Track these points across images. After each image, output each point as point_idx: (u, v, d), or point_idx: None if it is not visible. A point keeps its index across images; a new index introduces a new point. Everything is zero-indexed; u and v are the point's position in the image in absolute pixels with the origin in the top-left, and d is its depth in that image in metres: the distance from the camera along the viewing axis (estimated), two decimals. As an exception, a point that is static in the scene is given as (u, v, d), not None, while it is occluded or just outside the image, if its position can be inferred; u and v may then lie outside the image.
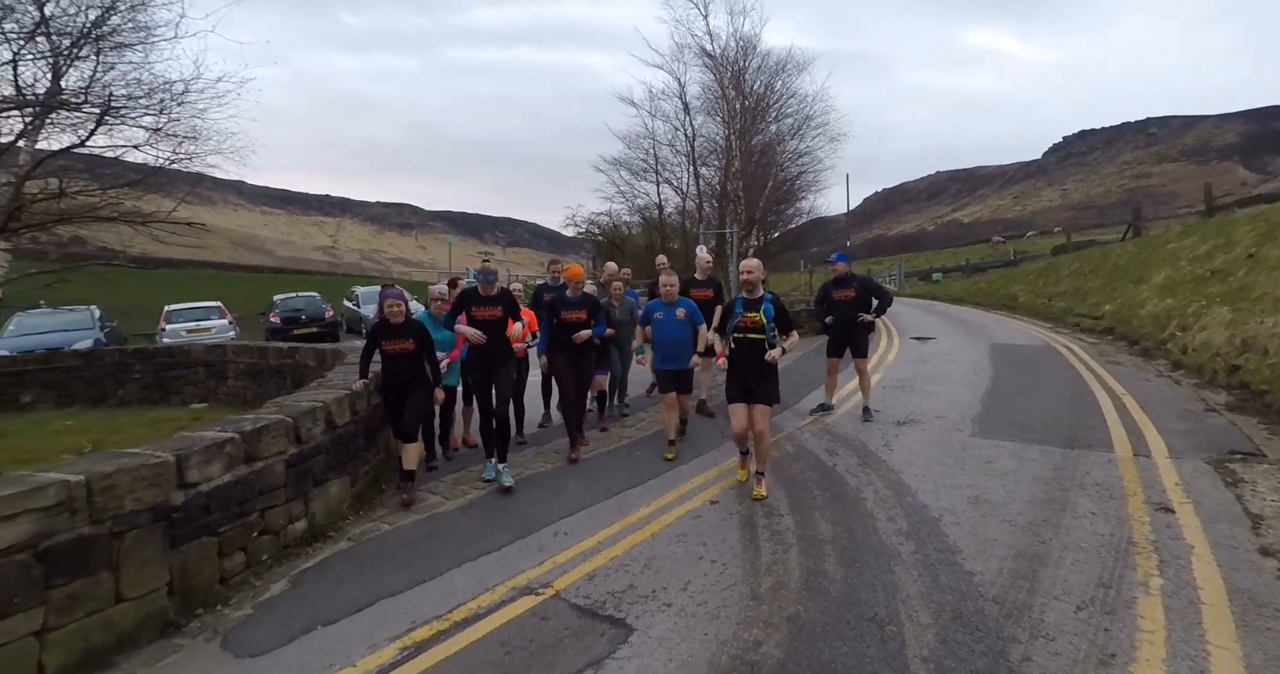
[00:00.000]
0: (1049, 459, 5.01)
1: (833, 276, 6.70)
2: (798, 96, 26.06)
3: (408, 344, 4.72)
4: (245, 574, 3.69)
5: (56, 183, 4.98)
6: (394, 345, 4.73)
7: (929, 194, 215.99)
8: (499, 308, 4.92)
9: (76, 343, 11.88)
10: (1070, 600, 2.98)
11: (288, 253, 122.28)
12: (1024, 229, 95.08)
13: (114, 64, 5.55)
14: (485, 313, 4.90)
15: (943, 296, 25.98)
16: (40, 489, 2.72)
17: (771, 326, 4.48)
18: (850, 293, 6.51)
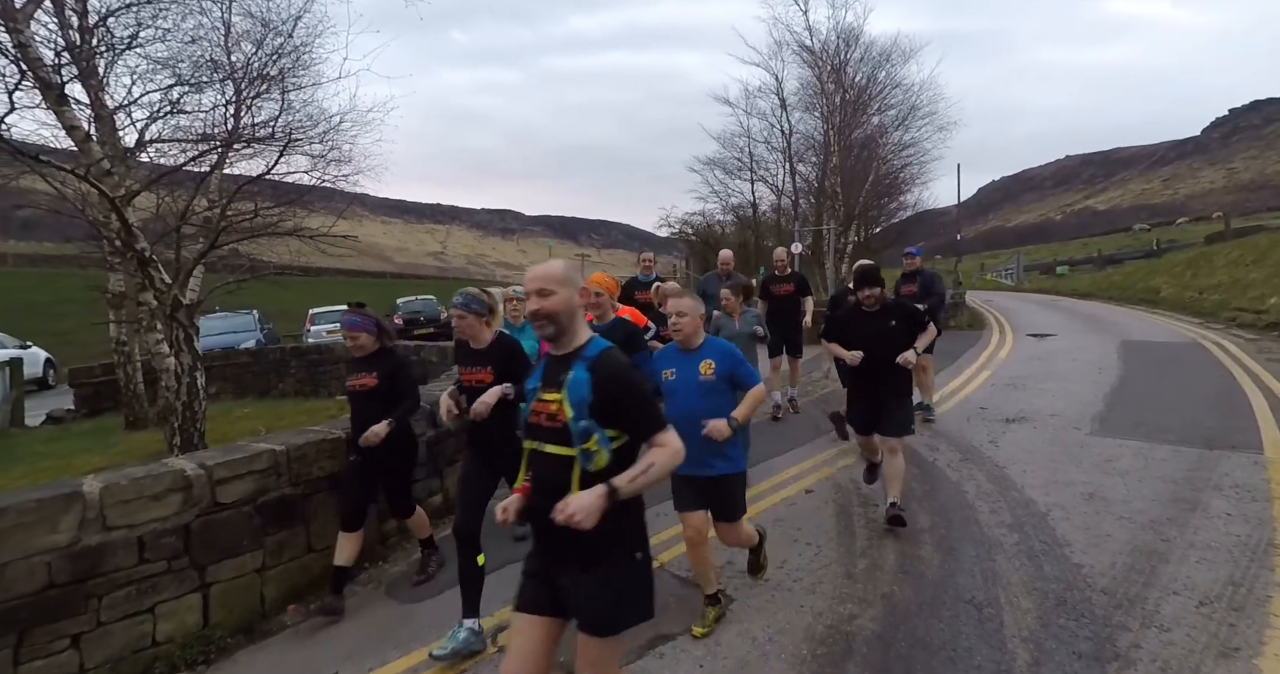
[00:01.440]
0: (1181, 459, 4.67)
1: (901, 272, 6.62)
2: (902, 86, 24.89)
3: (369, 379, 3.45)
4: (398, 537, 4.31)
5: (252, 205, 6.02)
6: (356, 380, 3.49)
7: (1056, 180, 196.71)
8: (489, 368, 3.11)
9: (243, 343, 13.85)
10: (1192, 596, 2.87)
11: (404, 259, 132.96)
12: (1174, 215, 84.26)
13: (290, 102, 6.60)
14: (472, 375, 3.16)
15: (1068, 291, 23.82)
16: (257, 455, 3.41)
17: None
18: (914, 288, 6.29)
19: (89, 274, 10.53)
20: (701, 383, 2.82)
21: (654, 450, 1.71)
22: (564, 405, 1.69)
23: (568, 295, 1.74)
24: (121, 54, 6.87)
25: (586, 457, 1.65)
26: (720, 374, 2.82)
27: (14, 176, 6.76)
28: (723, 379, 2.82)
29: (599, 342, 1.78)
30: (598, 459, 1.65)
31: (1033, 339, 11.43)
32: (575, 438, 1.66)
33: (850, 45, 23.74)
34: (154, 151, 6.66)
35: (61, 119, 4.98)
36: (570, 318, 1.75)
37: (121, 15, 6.71)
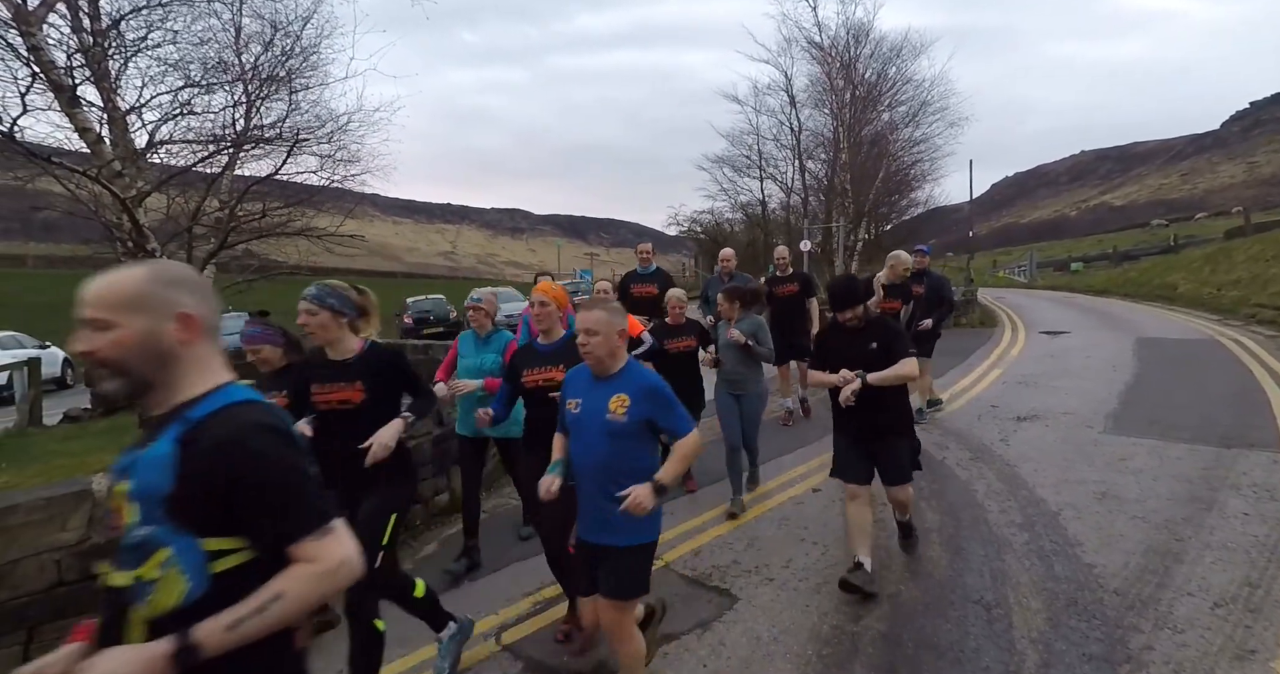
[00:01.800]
0: (1197, 458, 4.59)
1: None
2: (913, 82, 24.64)
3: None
4: (405, 536, 4.33)
5: (260, 206, 6.08)
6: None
7: (1071, 176, 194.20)
8: (356, 384, 2.49)
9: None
10: (1207, 597, 2.82)
11: (414, 259, 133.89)
12: (1192, 211, 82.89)
13: (298, 103, 6.67)
14: (330, 394, 2.52)
15: (1083, 288, 23.52)
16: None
17: None
18: (921, 289, 6.06)
19: (104, 275, 10.65)
20: (608, 422, 2.12)
21: (286, 576, 1.03)
22: (124, 501, 1.05)
23: (143, 328, 1.07)
24: (133, 56, 6.95)
25: (140, 589, 1.01)
26: (635, 416, 2.10)
27: (30, 178, 6.87)
28: (638, 422, 2.12)
29: (228, 394, 1.12)
30: (161, 593, 1.00)
31: (1045, 336, 11.28)
32: (127, 557, 1.03)
33: (860, 41, 23.52)
34: (164, 153, 6.76)
35: (74, 121, 5.04)
36: (153, 362, 1.09)
37: (133, 18, 6.80)
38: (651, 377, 2.23)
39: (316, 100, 7.08)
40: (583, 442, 2.20)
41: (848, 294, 3.14)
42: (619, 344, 2.21)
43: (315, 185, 7.70)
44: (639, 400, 2.13)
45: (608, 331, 2.16)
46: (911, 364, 3.01)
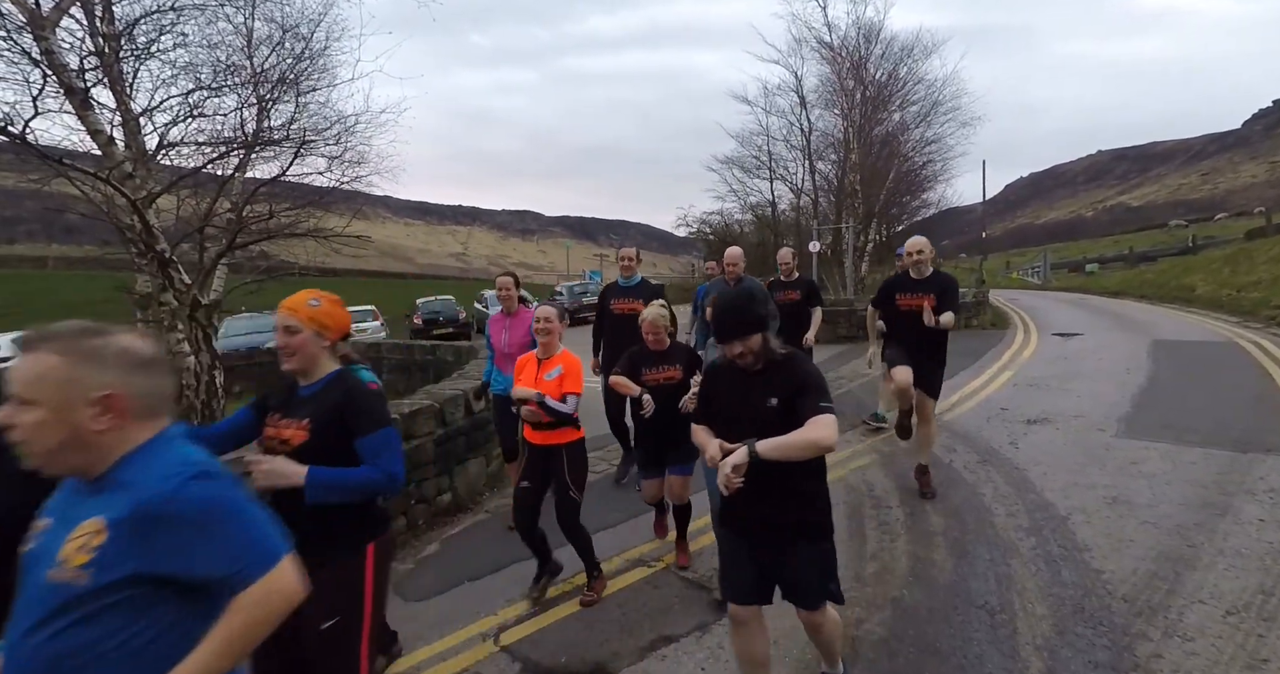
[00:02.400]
0: (1212, 462, 4.49)
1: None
2: (925, 82, 24.45)
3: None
4: (406, 535, 4.33)
5: (267, 207, 6.15)
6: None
7: (1088, 176, 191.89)
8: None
9: (267, 343, 14.13)
10: (1219, 605, 2.75)
11: (426, 260, 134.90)
12: (1212, 211, 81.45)
13: (306, 105, 6.74)
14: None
15: (1098, 290, 23.19)
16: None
17: None
18: None
19: (121, 276, 10.85)
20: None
21: None
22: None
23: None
24: (147, 59, 7.04)
25: None
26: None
27: (45, 181, 6.98)
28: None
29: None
30: None
31: (1058, 338, 11.12)
32: None
33: (871, 41, 23.40)
34: (175, 155, 6.85)
35: (85, 123, 5.12)
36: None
37: (146, 22, 6.89)
38: None
39: (325, 102, 7.19)
40: None
41: (737, 319, 2.00)
42: None
43: (325, 187, 7.77)
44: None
45: None
46: (825, 426, 1.89)
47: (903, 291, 4.18)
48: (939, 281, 4.11)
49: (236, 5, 7.38)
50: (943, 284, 4.09)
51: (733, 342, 2.01)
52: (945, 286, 4.08)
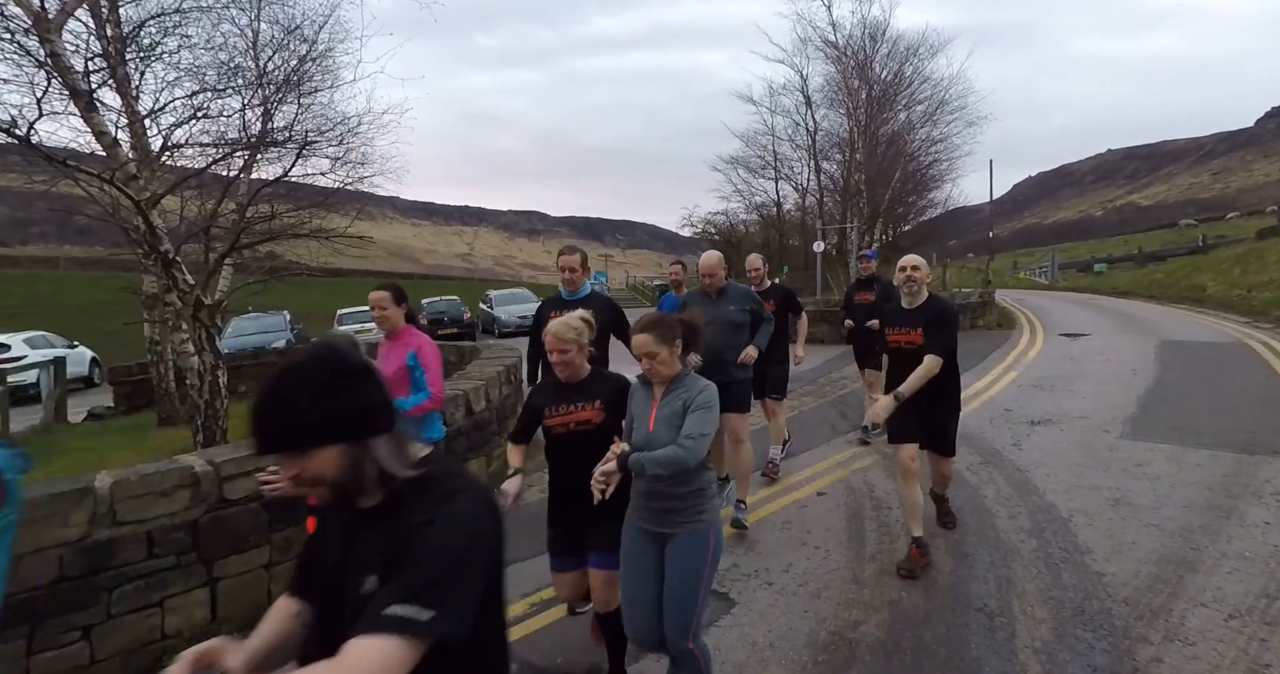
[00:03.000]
0: (1218, 464, 4.44)
1: (858, 277, 5.87)
2: (931, 81, 24.35)
3: None
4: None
5: (269, 208, 6.17)
6: None
7: (1096, 176, 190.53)
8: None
9: (274, 343, 14.22)
10: (1221, 608, 2.71)
11: (433, 261, 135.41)
12: (1224, 210, 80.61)
13: (309, 106, 6.77)
14: None
15: (1106, 290, 23.00)
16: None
17: None
18: (870, 296, 5.62)
19: (130, 276, 10.94)
20: None
21: None
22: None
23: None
24: (152, 61, 7.10)
25: None
26: None
27: (53, 183, 7.04)
28: None
29: None
30: None
31: (1065, 339, 11.04)
32: None
33: (876, 40, 23.32)
34: (179, 156, 6.90)
35: (90, 125, 5.15)
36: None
37: (152, 23, 6.94)
38: None
39: (328, 103, 7.23)
40: None
41: (279, 419, 1.04)
42: None
43: (330, 187, 7.80)
44: None
45: None
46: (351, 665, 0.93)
47: (892, 324, 3.40)
48: (932, 311, 3.26)
49: (241, 7, 7.44)
50: (936, 315, 3.23)
51: (283, 462, 1.04)
52: (939, 318, 3.21)
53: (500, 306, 20.04)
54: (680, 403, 2.10)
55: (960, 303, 13.78)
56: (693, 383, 2.15)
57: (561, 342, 2.25)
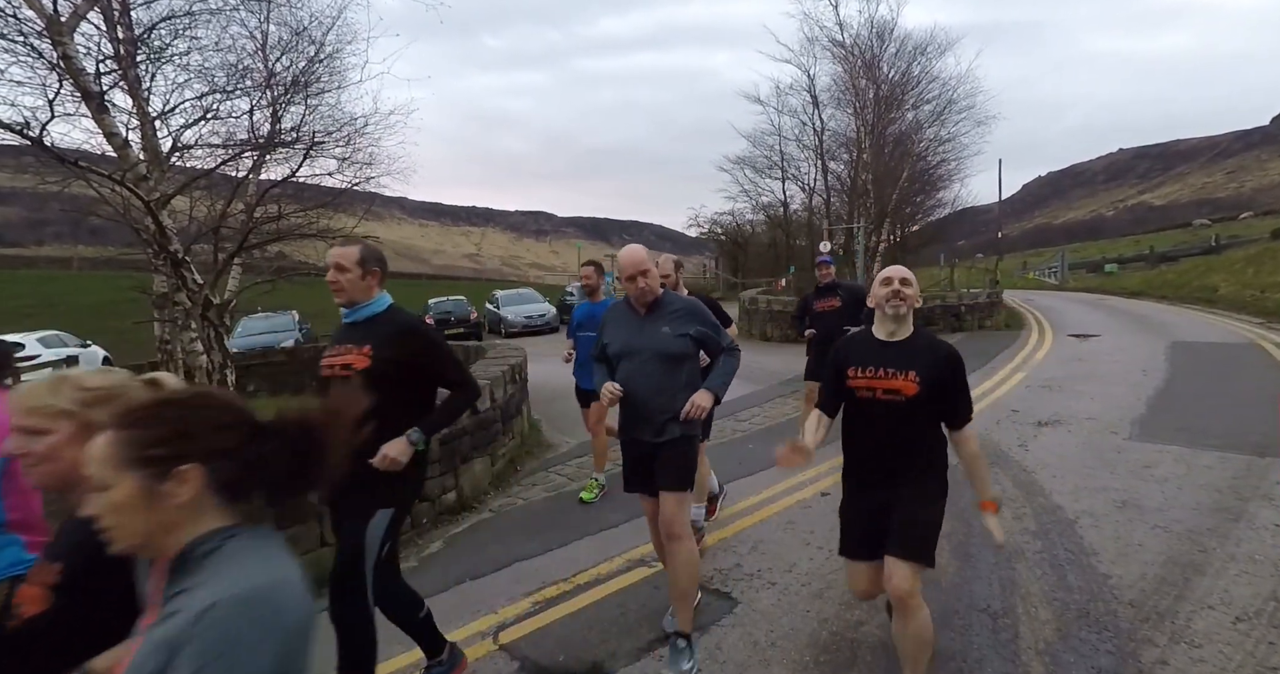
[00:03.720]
0: (1228, 466, 4.40)
1: (817, 284, 5.63)
2: (939, 80, 24.22)
3: None
4: (411, 533, 4.36)
5: (276, 208, 6.24)
6: None
7: (1108, 175, 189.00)
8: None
9: (282, 342, 14.33)
10: (1228, 611, 2.69)
11: (440, 261, 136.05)
12: (1238, 210, 79.70)
13: (316, 107, 6.84)
14: None
15: (1117, 290, 22.80)
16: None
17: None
18: (836, 302, 5.34)
19: (141, 276, 11.07)
20: None
21: None
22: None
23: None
24: (163, 63, 7.18)
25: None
26: None
27: (65, 183, 7.14)
28: None
29: None
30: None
31: (1074, 339, 10.95)
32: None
33: (884, 39, 23.24)
34: (188, 157, 6.98)
35: (102, 126, 5.22)
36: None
37: (163, 26, 7.02)
38: None
39: (335, 103, 7.30)
40: None
41: None
42: None
43: (337, 188, 7.87)
44: None
45: None
46: None
47: (863, 363, 2.21)
48: (941, 355, 2.17)
49: (251, 9, 7.51)
50: (949, 361, 2.17)
51: None
52: (953, 367, 2.17)
53: (506, 307, 20.11)
54: None
55: (967, 303, 13.71)
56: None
57: None
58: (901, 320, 2.23)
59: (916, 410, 2.13)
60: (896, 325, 2.23)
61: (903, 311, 2.21)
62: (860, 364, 2.22)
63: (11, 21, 5.43)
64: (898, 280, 2.21)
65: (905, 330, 2.24)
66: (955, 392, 2.17)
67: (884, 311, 2.22)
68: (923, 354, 2.17)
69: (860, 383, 2.21)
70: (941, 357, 2.17)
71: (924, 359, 2.16)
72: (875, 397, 2.18)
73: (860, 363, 2.23)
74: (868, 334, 2.30)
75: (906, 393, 2.13)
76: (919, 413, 2.15)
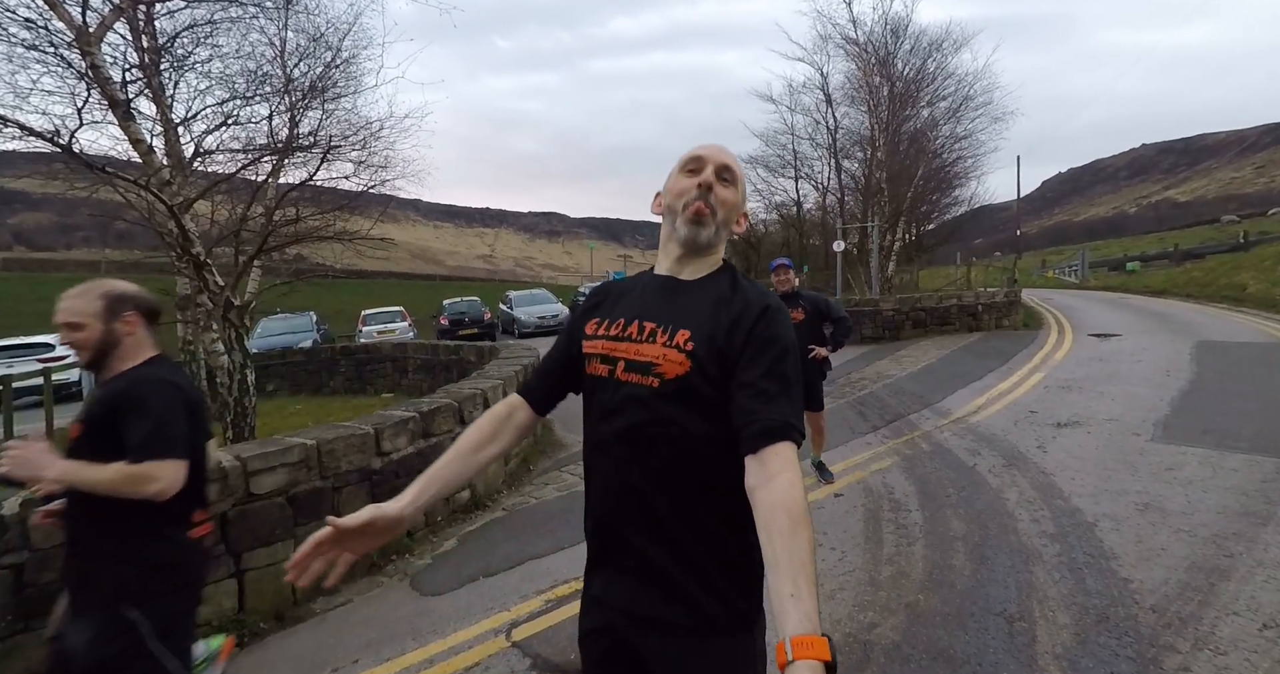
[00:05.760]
0: (1256, 470, 4.29)
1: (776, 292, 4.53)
2: (955, 76, 23.91)
3: None
4: (425, 532, 4.42)
5: (294, 211, 6.34)
6: None
7: (1130, 171, 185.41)
8: None
9: (301, 342, 14.55)
10: (1255, 618, 2.63)
11: (455, 262, 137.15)
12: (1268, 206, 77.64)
13: (333, 111, 6.95)
14: None
15: (1139, 289, 22.35)
16: (289, 448, 3.55)
17: None
18: (799, 315, 4.39)
19: (165, 279, 11.31)
20: None
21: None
22: None
23: None
24: (186, 71, 7.33)
25: None
26: None
27: (94, 189, 7.31)
28: None
29: None
30: None
31: (1094, 339, 10.76)
32: None
33: (898, 36, 23.00)
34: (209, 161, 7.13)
35: (127, 133, 5.34)
36: None
37: (186, 35, 7.17)
38: None
39: (351, 108, 7.43)
40: None
41: None
42: None
43: (354, 191, 7.98)
44: None
45: None
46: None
47: (608, 314, 1.24)
48: (727, 297, 1.15)
49: (270, 17, 7.64)
50: (737, 314, 1.11)
51: None
52: (745, 326, 1.09)
53: (520, 307, 20.23)
54: None
55: (984, 302, 13.53)
56: None
57: None
58: (701, 246, 1.17)
59: (684, 407, 1.07)
60: (691, 250, 1.17)
61: (708, 226, 1.16)
62: (607, 314, 1.21)
63: (43, 33, 5.59)
64: (712, 166, 1.17)
65: (706, 262, 1.20)
66: (752, 373, 1.03)
67: (675, 224, 1.18)
68: (714, 306, 1.12)
69: (596, 345, 1.18)
70: (749, 311, 1.09)
71: (712, 313, 1.10)
72: (613, 375, 1.13)
73: (608, 312, 1.21)
74: (655, 276, 1.24)
75: (665, 371, 1.07)
76: (690, 413, 1.07)
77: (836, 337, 4.48)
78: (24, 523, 2.68)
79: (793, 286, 4.51)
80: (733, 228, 1.22)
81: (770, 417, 0.99)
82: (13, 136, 5.01)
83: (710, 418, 1.06)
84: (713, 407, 1.06)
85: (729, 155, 1.22)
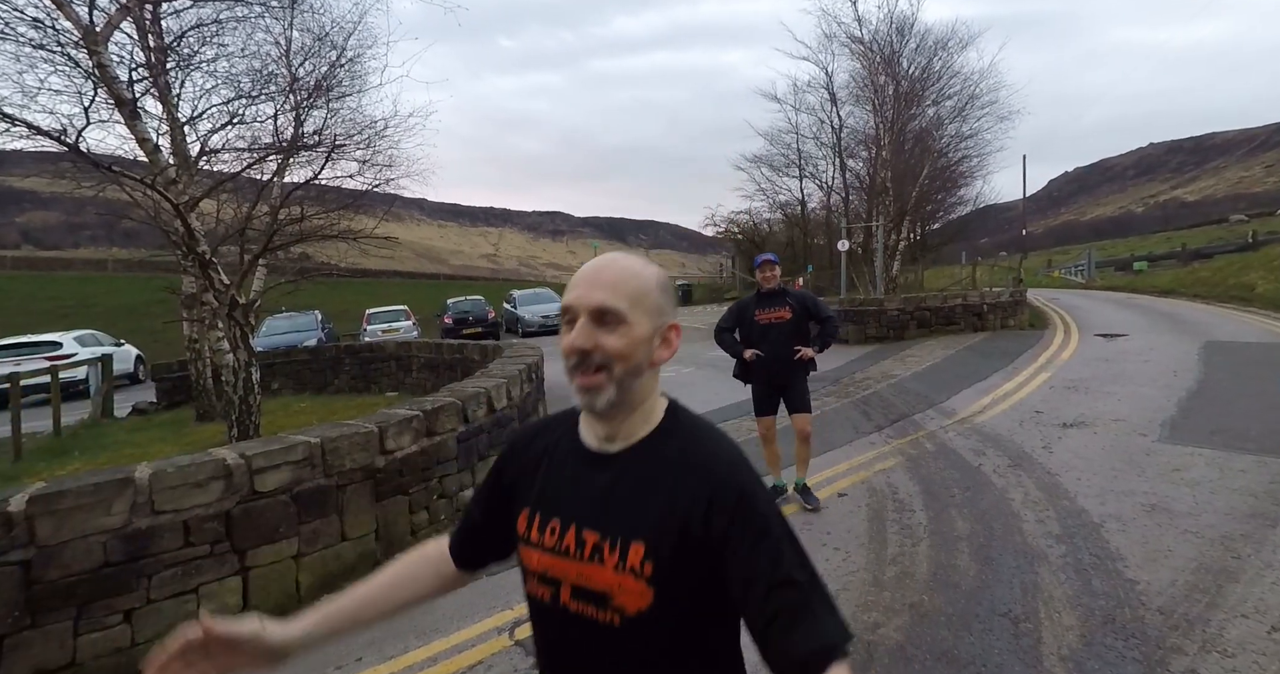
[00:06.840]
0: (1264, 471, 4.26)
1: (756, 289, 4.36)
2: (961, 75, 23.81)
3: None
4: (429, 529, 4.42)
5: (299, 210, 6.37)
6: None
7: (1138, 170, 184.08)
8: None
9: (305, 341, 14.60)
10: (1263, 620, 2.61)
11: (459, 261, 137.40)
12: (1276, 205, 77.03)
13: (337, 110, 6.97)
14: None
15: (1147, 288, 22.20)
16: (293, 446, 3.56)
17: None
18: (786, 313, 4.18)
19: (171, 277, 11.38)
20: None
21: None
22: None
23: None
24: (192, 70, 7.36)
25: None
26: None
27: (100, 188, 7.36)
28: None
29: None
30: None
31: (1101, 339, 10.69)
32: None
33: (904, 34, 22.90)
34: (215, 160, 7.17)
35: (134, 132, 5.37)
36: None
37: (192, 34, 7.21)
38: None
39: (355, 107, 7.46)
40: None
41: None
42: None
43: (358, 190, 8.01)
44: None
45: None
46: None
47: (542, 507, 0.94)
48: (675, 471, 0.86)
49: (275, 16, 7.67)
50: (699, 497, 0.81)
51: None
52: (716, 511, 0.79)
53: (523, 306, 20.25)
54: None
55: (990, 302, 13.48)
56: None
57: None
58: (610, 411, 0.88)
59: (659, 650, 0.86)
60: (606, 419, 0.89)
61: (602, 392, 0.86)
62: (538, 502, 0.95)
63: (50, 32, 5.62)
64: (585, 315, 0.86)
65: (638, 416, 0.90)
66: (756, 580, 0.80)
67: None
68: (667, 493, 0.85)
69: (531, 558, 0.95)
70: (722, 493, 0.83)
71: (666, 503, 0.84)
72: (556, 600, 0.92)
73: (538, 499, 0.95)
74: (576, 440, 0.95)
75: (625, 604, 0.84)
76: (665, 657, 0.86)
77: (824, 337, 4.26)
78: (30, 519, 2.71)
79: (778, 282, 4.28)
80: (653, 359, 0.89)
81: (807, 643, 0.76)
82: (20, 136, 5.05)
83: (692, 651, 0.86)
84: (692, 635, 0.86)
85: (609, 277, 0.87)
